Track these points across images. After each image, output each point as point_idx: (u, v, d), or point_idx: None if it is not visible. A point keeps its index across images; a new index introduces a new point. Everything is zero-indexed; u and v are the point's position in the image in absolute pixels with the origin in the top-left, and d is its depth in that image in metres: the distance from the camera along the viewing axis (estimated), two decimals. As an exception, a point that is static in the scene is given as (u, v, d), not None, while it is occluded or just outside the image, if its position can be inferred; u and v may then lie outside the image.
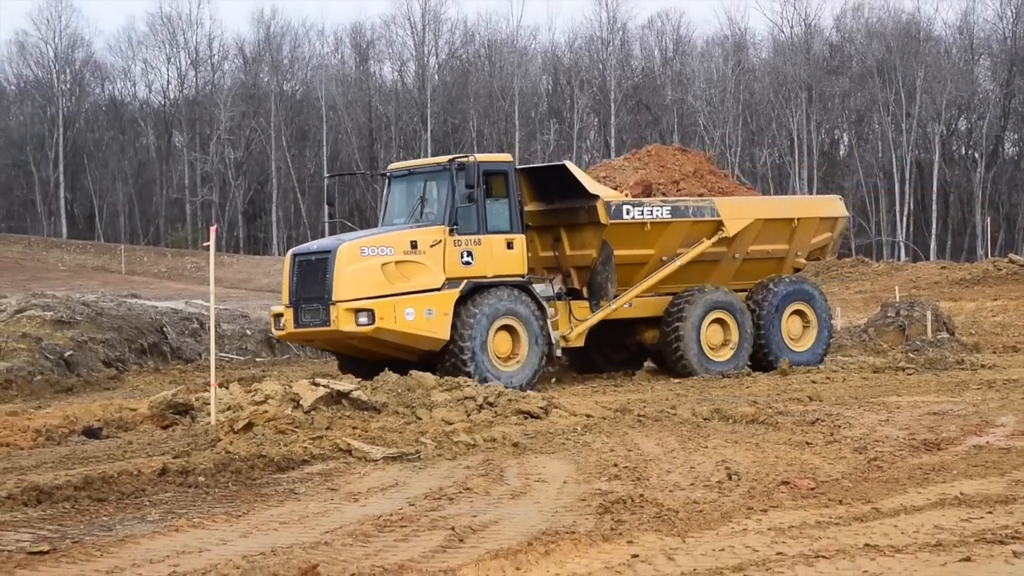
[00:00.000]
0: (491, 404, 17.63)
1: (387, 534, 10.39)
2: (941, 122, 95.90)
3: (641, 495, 11.55)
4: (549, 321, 21.41)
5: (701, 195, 23.31)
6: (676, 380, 24.60)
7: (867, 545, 9.00)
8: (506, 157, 23.07)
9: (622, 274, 22.22)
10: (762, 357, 22.65)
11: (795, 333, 23.43)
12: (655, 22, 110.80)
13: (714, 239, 22.60)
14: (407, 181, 22.32)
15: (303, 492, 12.61)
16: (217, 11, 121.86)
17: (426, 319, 19.90)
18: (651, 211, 21.86)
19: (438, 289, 20.17)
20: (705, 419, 16.95)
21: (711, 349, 22.28)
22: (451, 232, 20.55)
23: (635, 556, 8.98)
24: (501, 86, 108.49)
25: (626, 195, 22.50)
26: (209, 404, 17.49)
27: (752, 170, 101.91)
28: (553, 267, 22.93)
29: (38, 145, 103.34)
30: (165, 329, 34.43)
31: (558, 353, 21.85)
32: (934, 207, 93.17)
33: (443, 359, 20.30)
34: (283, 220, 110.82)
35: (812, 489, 11.82)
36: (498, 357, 20.63)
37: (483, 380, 19.52)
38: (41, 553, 9.88)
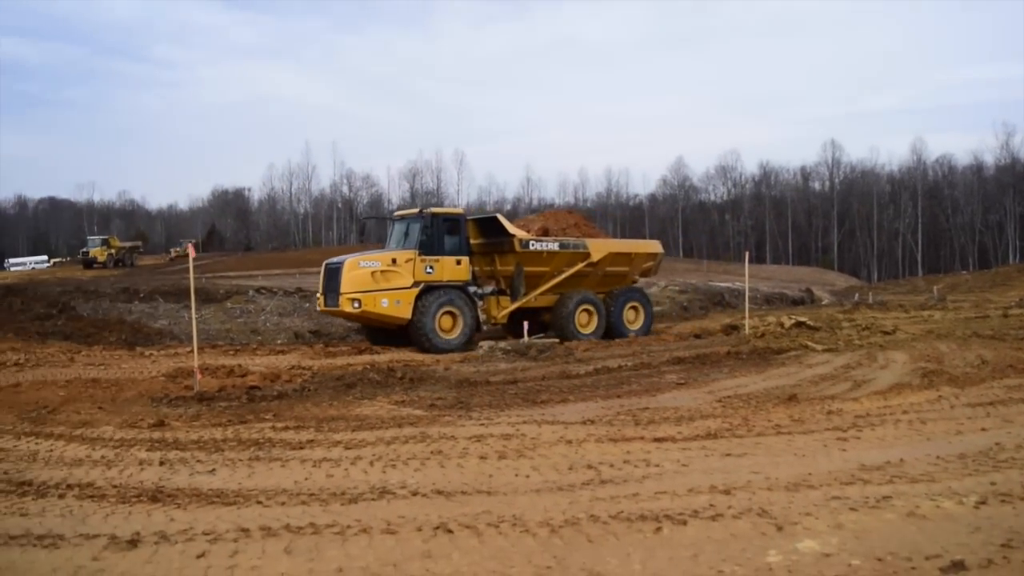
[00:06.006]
0: (868, 328, 17.65)
1: (824, 383, 11.40)
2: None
3: (941, 368, 12.24)
4: (479, 308, 18.99)
5: (578, 237, 21.12)
6: (938, 317, 23.70)
7: (1053, 396, 9.44)
8: (459, 210, 20.22)
9: (531, 281, 20.18)
10: (613, 331, 20.38)
11: (631, 318, 21.17)
12: (940, 159, 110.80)
13: (585, 262, 20.41)
14: (400, 222, 19.86)
15: (787, 363, 13.57)
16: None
17: (396, 306, 17.81)
18: (546, 245, 19.97)
19: (408, 288, 18.01)
20: (968, 336, 16.70)
21: (582, 326, 20.18)
22: (420, 253, 18.28)
23: (939, 396, 9.84)
24: (868, 191, 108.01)
25: (532, 235, 20.55)
26: (745, 325, 18.77)
27: (986, 225, 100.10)
28: (491, 276, 20.59)
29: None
30: (724, 294, 36.03)
31: (484, 328, 19.66)
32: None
33: (410, 331, 18.19)
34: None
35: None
36: (444, 330, 18.30)
37: (433, 345, 17.82)
38: (679, 384, 11.44)
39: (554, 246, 19.96)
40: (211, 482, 6.32)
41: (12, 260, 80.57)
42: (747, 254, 21.01)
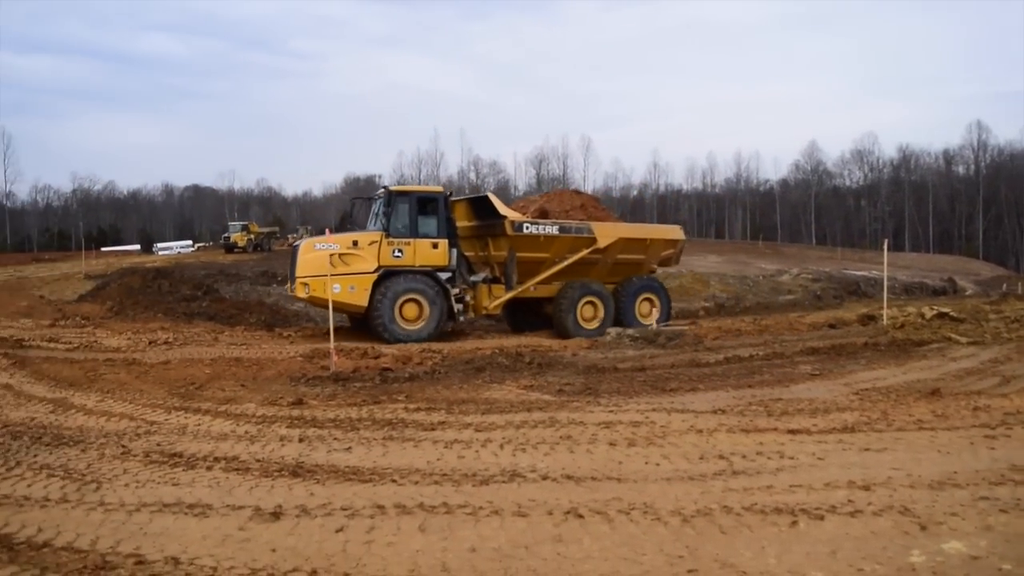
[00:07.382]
0: (1017, 320, 16.65)
1: (969, 377, 10.77)
2: None
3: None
4: (451, 296, 16.90)
5: (582, 220, 18.72)
6: None
7: None
8: (439, 189, 17.88)
9: (528, 268, 18.04)
10: (623, 325, 17.87)
11: (644, 312, 18.72)
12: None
13: (590, 249, 18.15)
14: (377, 202, 17.54)
15: (928, 356, 12.95)
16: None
17: (349, 292, 15.94)
18: (544, 228, 17.73)
19: (368, 273, 16.15)
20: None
21: (585, 320, 17.96)
22: (386, 235, 16.37)
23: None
24: (1018, 175, 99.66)
25: (527, 217, 18.25)
26: (883, 315, 17.99)
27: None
28: (484, 262, 18.61)
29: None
30: (859, 283, 35.94)
31: (461, 319, 17.36)
32: None
33: (367, 319, 16.34)
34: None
35: None
36: (406, 319, 16.30)
37: (392, 335, 16.04)
38: (814, 376, 10.99)
39: (553, 230, 18.06)
40: (347, 459, 6.55)
41: (160, 245, 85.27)
42: (885, 241, 20.17)
